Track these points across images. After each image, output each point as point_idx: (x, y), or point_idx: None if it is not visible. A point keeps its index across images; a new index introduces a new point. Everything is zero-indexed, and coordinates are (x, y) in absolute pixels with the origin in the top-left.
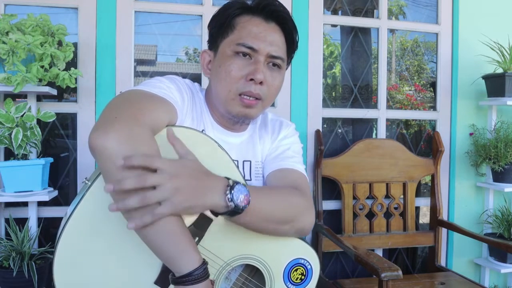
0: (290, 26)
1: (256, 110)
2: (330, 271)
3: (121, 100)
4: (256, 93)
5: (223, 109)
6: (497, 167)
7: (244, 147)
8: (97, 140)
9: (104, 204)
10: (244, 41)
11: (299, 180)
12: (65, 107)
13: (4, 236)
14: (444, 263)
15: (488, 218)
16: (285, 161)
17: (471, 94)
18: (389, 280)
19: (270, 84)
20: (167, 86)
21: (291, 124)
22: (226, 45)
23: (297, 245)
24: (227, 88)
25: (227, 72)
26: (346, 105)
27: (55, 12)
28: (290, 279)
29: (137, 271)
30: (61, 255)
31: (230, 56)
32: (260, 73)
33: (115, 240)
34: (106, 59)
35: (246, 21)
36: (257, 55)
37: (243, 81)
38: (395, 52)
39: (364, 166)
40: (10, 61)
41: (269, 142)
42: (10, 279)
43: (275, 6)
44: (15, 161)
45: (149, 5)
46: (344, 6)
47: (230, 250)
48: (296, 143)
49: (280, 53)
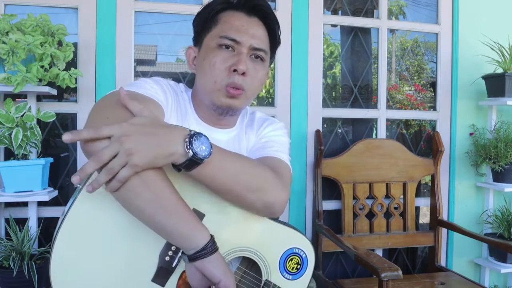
0: (272, 21)
1: (239, 101)
2: (330, 271)
3: (109, 100)
4: (239, 83)
5: (208, 101)
6: (497, 167)
7: (231, 145)
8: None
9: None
10: (227, 34)
11: (278, 164)
12: (65, 107)
13: (4, 236)
14: (444, 263)
15: (488, 218)
16: (265, 150)
17: (471, 94)
18: (389, 280)
19: (253, 75)
20: (151, 86)
21: (279, 122)
22: (209, 39)
23: (290, 234)
24: (212, 79)
25: (211, 64)
26: (346, 105)
27: (55, 12)
28: (286, 269)
29: (133, 269)
30: (57, 255)
31: (214, 49)
32: (243, 64)
33: (111, 239)
34: (106, 59)
35: (229, 16)
36: (240, 47)
37: (227, 72)
38: (395, 52)
39: (364, 166)
40: (10, 61)
41: (253, 138)
42: (10, 279)
43: (257, 1)
44: (15, 161)
45: (149, 5)
46: (344, 6)
47: (224, 244)
48: (280, 136)
49: (262, 46)
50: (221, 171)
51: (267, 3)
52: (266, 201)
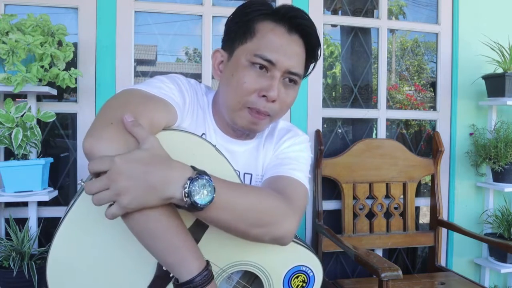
0: (314, 41)
1: (262, 126)
2: (330, 271)
3: (118, 100)
4: (264, 111)
5: (229, 119)
6: (497, 167)
7: (247, 157)
8: (89, 146)
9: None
10: (263, 53)
11: (290, 186)
12: (65, 107)
13: (4, 236)
14: (444, 263)
15: (488, 218)
16: (281, 168)
17: (471, 94)
18: (389, 280)
19: (282, 101)
20: (168, 86)
21: (303, 134)
22: (242, 52)
23: (299, 251)
24: (237, 100)
25: (239, 83)
26: (346, 105)
27: (55, 12)
28: (290, 286)
29: (130, 276)
30: (54, 256)
31: (245, 67)
32: (274, 90)
33: (109, 244)
34: (106, 59)
35: (268, 30)
36: (274, 70)
37: (255, 95)
38: (395, 52)
39: (364, 166)
40: (10, 61)
41: (271, 151)
42: (10, 279)
43: (302, 19)
44: (15, 161)
45: (149, 5)
46: (344, 6)
47: (226, 256)
48: (300, 151)
49: (298, 70)
50: (224, 212)
51: (311, 20)
52: (274, 235)
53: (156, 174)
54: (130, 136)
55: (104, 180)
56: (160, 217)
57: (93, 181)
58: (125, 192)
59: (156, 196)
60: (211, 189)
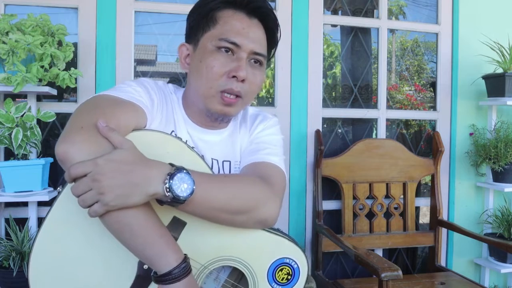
0: (272, 23)
1: (236, 109)
2: (330, 271)
3: (87, 106)
4: (237, 90)
5: (202, 106)
6: (497, 167)
7: (224, 146)
8: (63, 151)
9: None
10: (227, 36)
11: (269, 171)
12: (65, 107)
13: (4, 236)
14: (444, 263)
15: (488, 218)
16: (257, 154)
17: (471, 94)
18: (389, 280)
19: (251, 81)
20: (135, 89)
21: (272, 117)
22: (207, 39)
23: (281, 244)
24: (208, 85)
25: (208, 68)
26: (346, 105)
27: (55, 12)
28: (275, 280)
29: (111, 275)
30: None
31: (212, 51)
32: (243, 70)
33: (90, 244)
34: (106, 59)
35: (229, 16)
36: (240, 51)
37: (224, 77)
38: (395, 52)
39: (364, 166)
40: (10, 61)
41: (246, 137)
42: (10, 279)
43: (258, 2)
44: (15, 161)
45: (149, 5)
46: (344, 6)
47: (207, 253)
48: (273, 135)
49: (262, 50)
50: (206, 203)
51: (268, 4)
52: (257, 219)
53: (138, 173)
54: (102, 138)
55: (87, 181)
56: (137, 214)
57: (76, 184)
58: (108, 191)
59: (139, 193)
60: (191, 182)
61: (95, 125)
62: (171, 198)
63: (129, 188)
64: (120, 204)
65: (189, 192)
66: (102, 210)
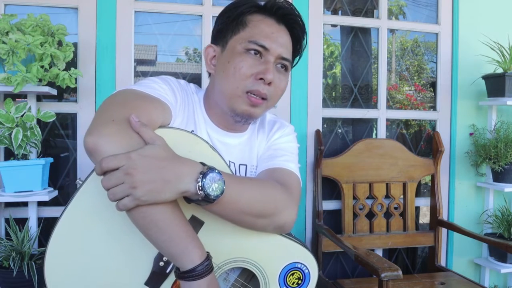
0: (300, 31)
1: (260, 110)
2: (330, 271)
3: (116, 99)
4: (263, 92)
5: (227, 107)
6: (497, 167)
7: (242, 149)
8: (93, 143)
9: (94, 203)
10: (257, 39)
11: (286, 177)
12: (65, 107)
13: (4, 236)
14: (444, 263)
15: (488, 218)
16: (275, 160)
17: (471, 94)
18: (389, 280)
19: (277, 85)
20: (160, 86)
21: (289, 125)
22: (236, 41)
23: (294, 248)
24: (235, 85)
25: (236, 69)
26: (346, 105)
27: (55, 12)
28: (286, 283)
29: (127, 271)
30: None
31: (241, 53)
32: (270, 73)
33: (106, 240)
34: (106, 59)
35: (259, 20)
36: (268, 55)
37: (252, 79)
38: (395, 52)
39: (364, 166)
40: (10, 61)
41: (264, 142)
42: (10, 279)
43: (287, 10)
44: (15, 161)
45: (149, 5)
46: (344, 6)
47: (221, 253)
48: (290, 142)
49: (288, 56)
50: (233, 204)
51: (297, 11)
52: (277, 224)
53: (171, 169)
54: (133, 133)
55: (119, 174)
56: (165, 210)
57: (108, 177)
58: (140, 186)
59: (171, 190)
60: (222, 182)
61: (127, 119)
62: (203, 196)
63: (161, 184)
64: (151, 199)
65: (220, 192)
66: (132, 204)
